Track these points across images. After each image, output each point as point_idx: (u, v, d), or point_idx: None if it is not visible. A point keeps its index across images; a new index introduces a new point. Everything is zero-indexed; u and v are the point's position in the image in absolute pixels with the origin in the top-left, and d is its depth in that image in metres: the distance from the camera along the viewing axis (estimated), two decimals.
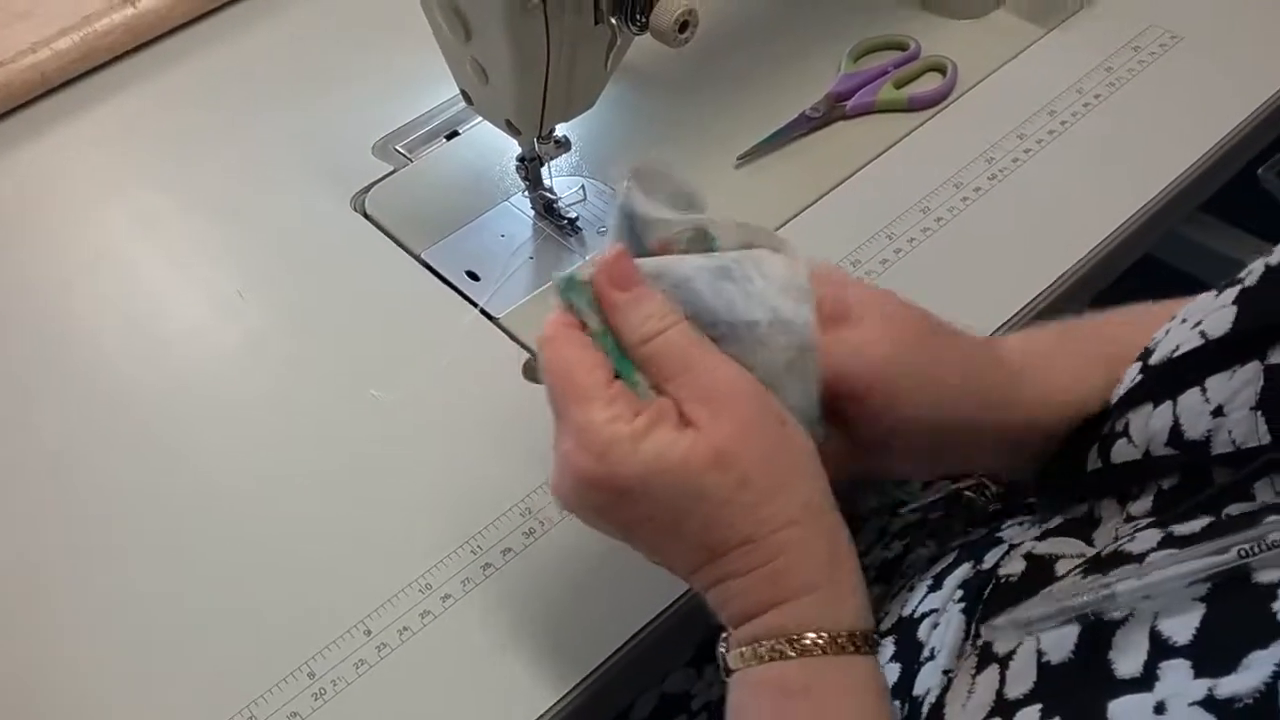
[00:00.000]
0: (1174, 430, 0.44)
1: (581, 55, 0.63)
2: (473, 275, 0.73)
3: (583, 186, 0.77)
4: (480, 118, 0.77)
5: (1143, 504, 0.47)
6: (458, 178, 0.80)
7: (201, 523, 0.63)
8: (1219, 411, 0.43)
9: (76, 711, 0.56)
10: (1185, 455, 0.44)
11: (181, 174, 0.82)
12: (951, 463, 0.57)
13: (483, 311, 0.71)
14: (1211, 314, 0.45)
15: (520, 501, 0.61)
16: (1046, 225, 0.73)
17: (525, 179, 0.75)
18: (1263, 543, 0.35)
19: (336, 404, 0.67)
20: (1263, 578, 0.35)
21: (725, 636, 0.46)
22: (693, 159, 0.78)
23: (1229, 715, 0.32)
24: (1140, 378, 0.48)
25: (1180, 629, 0.36)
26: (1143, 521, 0.45)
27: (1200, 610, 0.36)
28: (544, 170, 0.74)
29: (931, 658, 0.48)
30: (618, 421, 0.43)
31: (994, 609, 0.46)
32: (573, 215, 0.75)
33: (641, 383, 0.45)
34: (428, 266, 0.74)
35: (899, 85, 0.82)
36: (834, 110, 0.81)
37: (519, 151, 0.73)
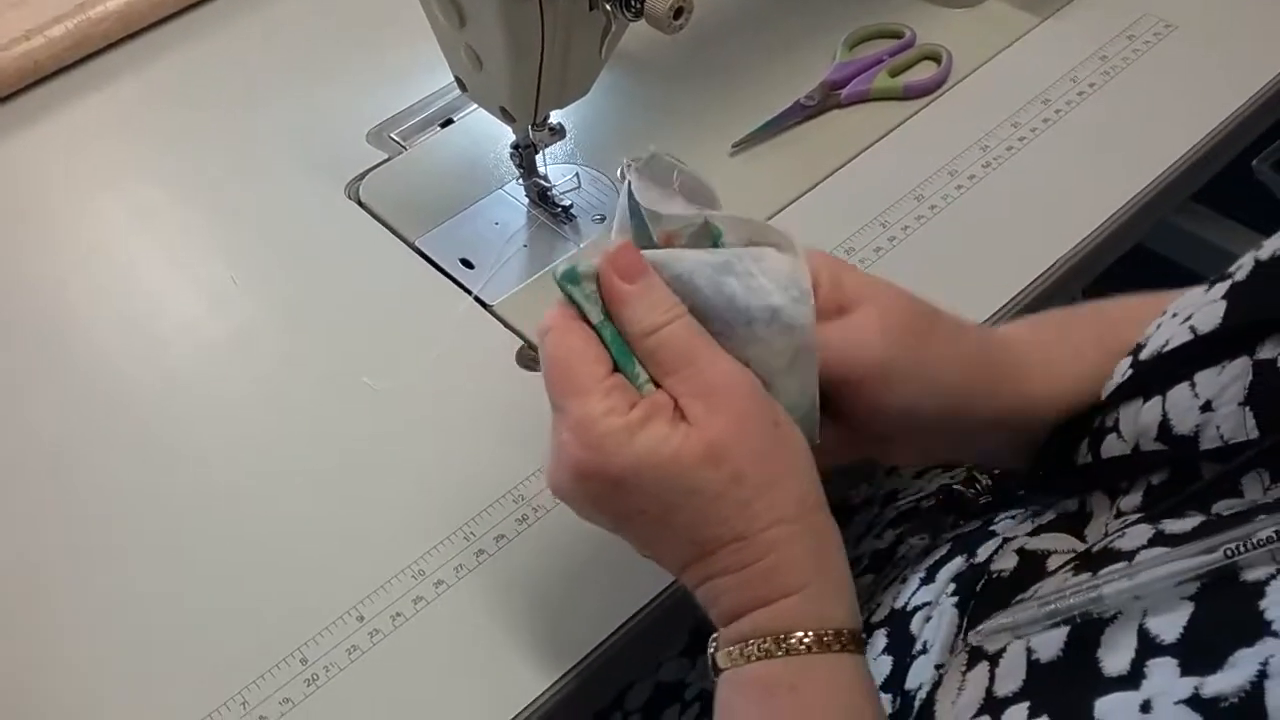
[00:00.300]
0: (1163, 425, 0.45)
1: (576, 42, 0.63)
2: (467, 263, 0.73)
3: (577, 174, 0.77)
4: (475, 105, 0.77)
5: (1132, 499, 0.47)
6: (452, 165, 0.80)
7: (195, 511, 0.63)
8: (1208, 407, 0.43)
9: (70, 698, 0.56)
10: (1174, 451, 0.44)
11: (175, 162, 0.82)
12: (947, 450, 0.57)
13: (477, 299, 0.71)
14: (1201, 309, 0.45)
15: (514, 488, 0.61)
16: (1040, 213, 0.73)
17: (520, 166, 0.75)
18: (1249, 541, 0.35)
19: (330, 392, 0.67)
20: (1250, 576, 0.35)
21: (714, 637, 0.46)
22: (688, 147, 0.78)
23: (1214, 714, 0.33)
24: (1130, 372, 0.48)
25: (1168, 627, 0.36)
26: (1132, 517, 0.45)
27: (1189, 609, 0.36)
28: (538, 158, 0.74)
29: (924, 651, 0.48)
30: (613, 414, 0.44)
31: (986, 605, 0.46)
32: (567, 203, 0.75)
33: (640, 375, 0.45)
34: (422, 254, 0.74)
35: (894, 74, 0.82)
36: (829, 98, 0.81)
37: (513, 139, 0.73)
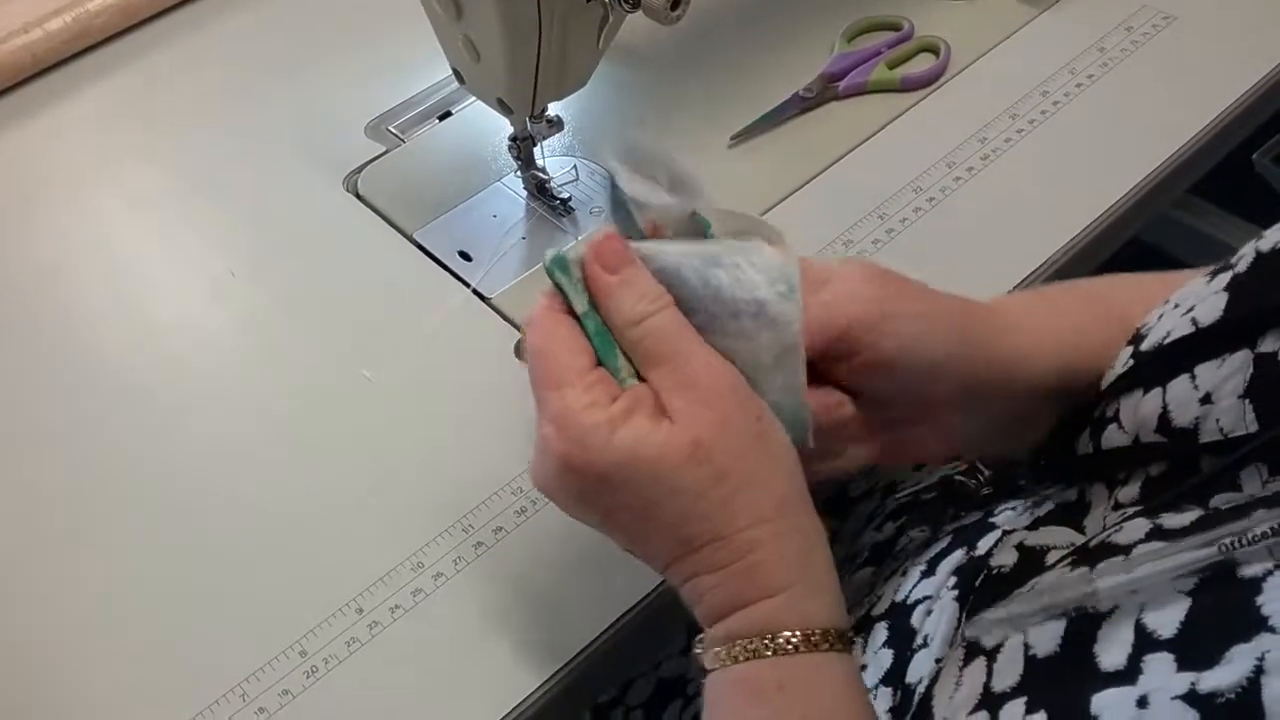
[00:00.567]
0: (1163, 417, 0.45)
1: (573, 33, 0.63)
2: (465, 255, 0.73)
3: (575, 166, 0.77)
4: (473, 98, 0.77)
5: (1130, 490, 0.47)
6: (450, 158, 0.80)
7: (193, 503, 0.63)
8: (1208, 399, 0.43)
9: (68, 690, 0.56)
10: (1173, 443, 0.44)
11: (173, 155, 0.82)
12: (963, 435, 0.57)
13: (475, 292, 0.71)
14: (1203, 300, 0.45)
15: (512, 480, 0.61)
16: (1038, 206, 0.73)
17: (518, 159, 0.75)
18: (1245, 536, 0.35)
19: (328, 384, 0.67)
20: (1247, 571, 0.35)
21: (700, 637, 0.46)
22: (686, 139, 0.78)
23: (1210, 710, 0.33)
24: (1131, 363, 0.48)
25: (1165, 622, 0.36)
26: (1130, 510, 0.45)
27: (1185, 604, 0.36)
28: (536, 150, 0.74)
29: (924, 645, 0.48)
30: (594, 408, 0.43)
31: (985, 600, 0.45)
32: (565, 195, 0.75)
33: (623, 368, 0.45)
34: (420, 247, 0.74)
35: (892, 66, 0.82)
36: (827, 90, 0.81)
37: (511, 131, 0.73)
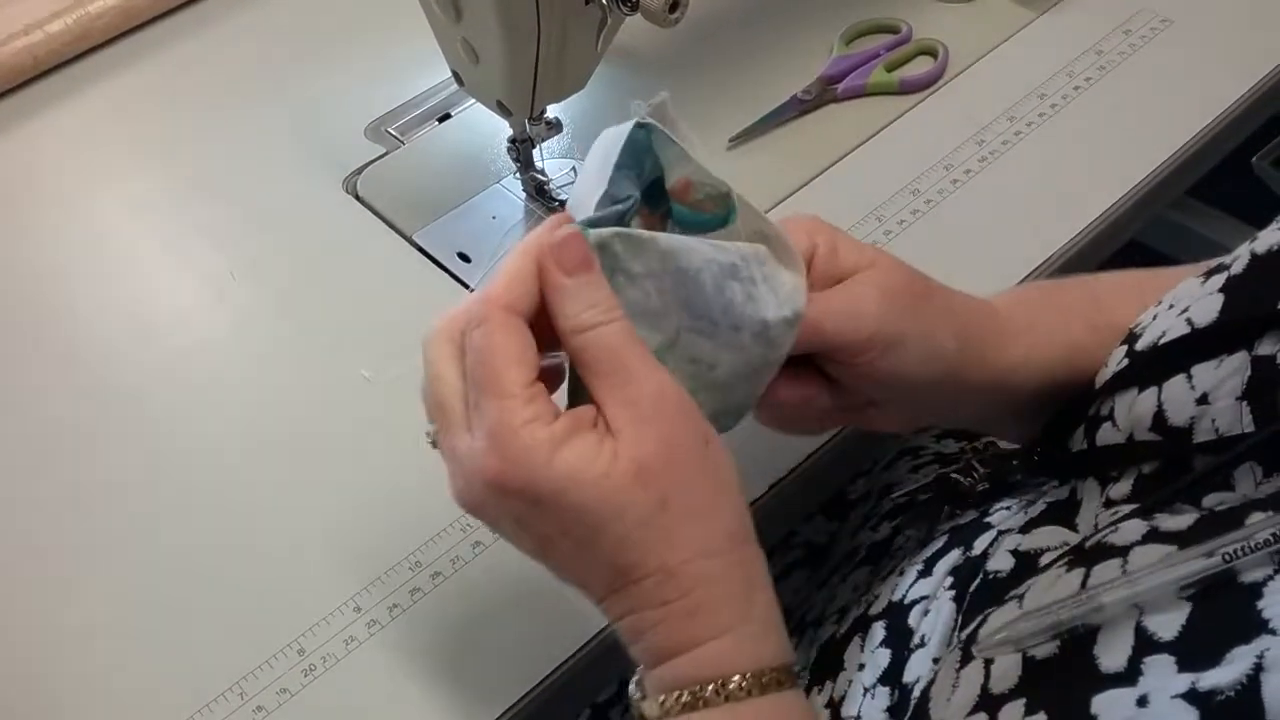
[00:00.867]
0: (1158, 416, 0.45)
1: (572, 36, 0.63)
2: (464, 257, 0.74)
3: (574, 168, 0.77)
4: (472, 100, 0.78)
5: (1122, 488, 0.47)
6: (450, 160, 0.80)
7: (192, 501, 0.63)
8: (1204, 399, 0.43)
9: (68, 689, 0.56)
10: (1168, 442, 0.44)
11: (174, 157, 0.82)
12: (932, 417, 0.58)
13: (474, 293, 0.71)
14: (1198, 301, 0.45)
15: None
16: (1035, 208, 0.73)
17: (517, 160, 0.75)
18: (1248, 544, 0.35)
19: (327, 385, 0.68)
20: (1247, 578, 0.35)
21: (636, 681, 0.44)
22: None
23: (1210, 707, 0.33)
24: (1126, 362, 0.48)
25: (1165, 626, 0.36)
26: (1123, 509, 0.45)
27: (1186, 609, 0.36)
28: (535, 152, 0.75)
29: (922, 644, 0.49)
30: (536, 423, 0.41)
31: (982, 605, 0.46)
32: (564, 197, 0.75)
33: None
34: (419, 248, 0.75)
35: (890, 68, 0.82)
36: (825, 93, 0.81)
37: (510, 133, 0.73)
